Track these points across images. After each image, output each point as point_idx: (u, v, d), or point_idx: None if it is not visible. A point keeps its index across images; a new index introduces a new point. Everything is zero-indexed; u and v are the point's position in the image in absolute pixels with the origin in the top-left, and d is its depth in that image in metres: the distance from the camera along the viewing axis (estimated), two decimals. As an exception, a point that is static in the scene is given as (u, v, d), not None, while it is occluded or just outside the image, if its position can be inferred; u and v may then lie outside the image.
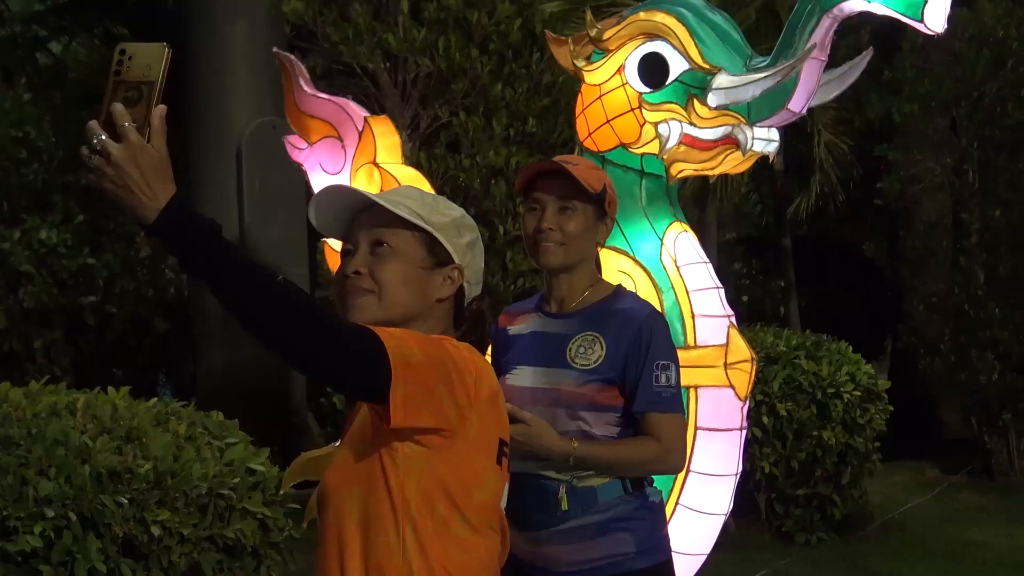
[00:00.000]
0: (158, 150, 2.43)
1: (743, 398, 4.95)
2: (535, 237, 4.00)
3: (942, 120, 13.75)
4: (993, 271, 12.91)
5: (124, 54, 2.46)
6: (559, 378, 3.90)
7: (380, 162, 5.30)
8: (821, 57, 4.84)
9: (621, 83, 5.04)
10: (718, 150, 4.97)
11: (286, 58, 5.61)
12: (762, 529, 10.14)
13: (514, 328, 4.13)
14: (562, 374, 3.91)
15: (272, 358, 2.75)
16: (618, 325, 3.94)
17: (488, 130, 7.63)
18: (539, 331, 4.04)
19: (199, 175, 11.28)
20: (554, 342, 3.98)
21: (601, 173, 4.15)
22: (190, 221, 2.47)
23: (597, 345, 3.92)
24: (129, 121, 2.40)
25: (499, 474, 2.90)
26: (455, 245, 2.97)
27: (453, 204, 3.08)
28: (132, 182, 2.41)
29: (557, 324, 4.01)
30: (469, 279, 3.00)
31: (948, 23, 4.67)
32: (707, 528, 5.02)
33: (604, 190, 4.02)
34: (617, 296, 4.08)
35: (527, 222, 4.06)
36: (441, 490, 2.76)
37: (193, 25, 11.36)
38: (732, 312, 5.07)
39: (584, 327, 3.96)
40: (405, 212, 2.93)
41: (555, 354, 3.95)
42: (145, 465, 5.22)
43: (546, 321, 4.05)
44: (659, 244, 5.02)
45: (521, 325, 4.11)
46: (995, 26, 13.18)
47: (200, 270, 2.52)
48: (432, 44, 7.53)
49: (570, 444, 3.81)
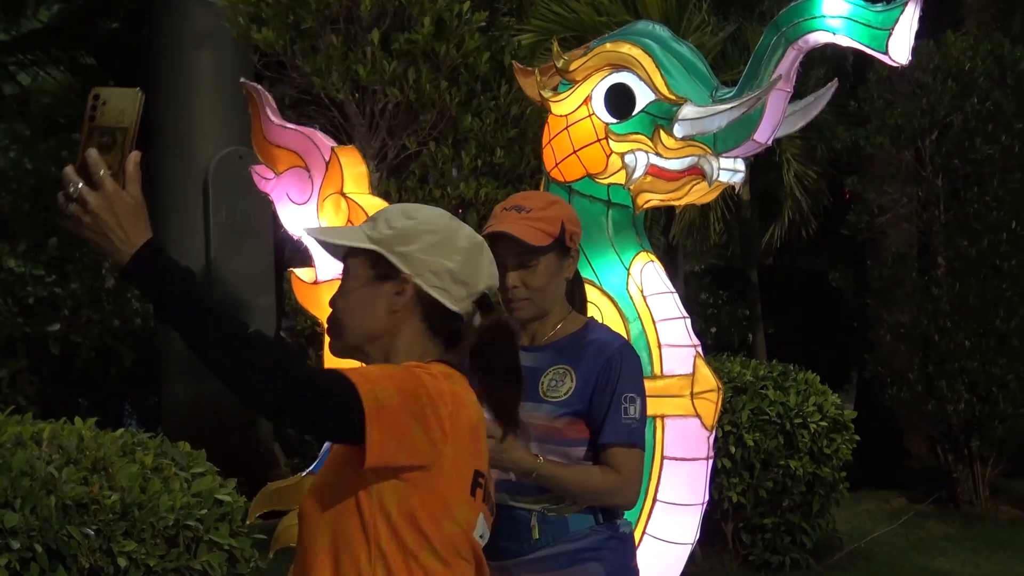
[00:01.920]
0: (133, 197, 2.50)
1: (709, 428, 4.96)
2: (503, 296, 3.94)
3: (908, 152, 13.81)
4: (962, 301, 12.96)
5: (98, 99, 2.49)
6: (531, 412, 3.81)
7: (347, 192, 5.30)
8: (787, 88, 4.87)
9: (588, 114, 5.05)
10: (684, 180, 4.99)
11: (253, 88, 5.61)
12: (729, 559, 10.13)
13: None
14: (534, 408, 3.85)
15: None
16: (589, 357, 3.92)
17: (457, 160, 7.64)
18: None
19: (166, 205, 11.26)
20: (527, 375, 3.81)
21: (555, 211, 4.03)
22: (163, 268, 2.54)
23: (568, 378, 3.91)
24: (104, 169, 2.44)
25: (472, 505, 2.89)
26: (400, 255, 2.95)
27: (418, 210, 3.07)
28: (108, 229, 2.49)
29: (529, 358, 3.85)
30: (433, 282, 2.96)
31: (912, 55, 4.71)
32: (674, 557, 5.02)
33: (561, 230, 3.98)
34: (588, 328, 4.05)
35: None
36: (410, 521, 2.77)
37: (160, 55, 11.35)
38: (699, 342, 5.08)
39: (555, 360, 3.95)
40: (337, 237, 2.97)
41: (528, 388, 3.79)
42: (112, 496, 5.19)
43: (521, 355, 3.99)
44: (626, 274, 5.03)
45: None
46: (960, 58, 13.26)
47: (171, 318, 2.59)
48: (401, 75, 7.53)
49: (536, 460, 3.81)
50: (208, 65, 10.98)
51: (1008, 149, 13.00)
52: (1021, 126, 13.20)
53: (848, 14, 4.69)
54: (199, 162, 10.94)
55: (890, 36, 4.62)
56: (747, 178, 5.18)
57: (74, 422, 5.98)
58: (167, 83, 11.13)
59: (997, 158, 12.98)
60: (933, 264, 13.41)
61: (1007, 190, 13.01)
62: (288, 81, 7.89)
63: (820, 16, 4.74)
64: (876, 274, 14.27)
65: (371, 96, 7.67)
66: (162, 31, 11.37)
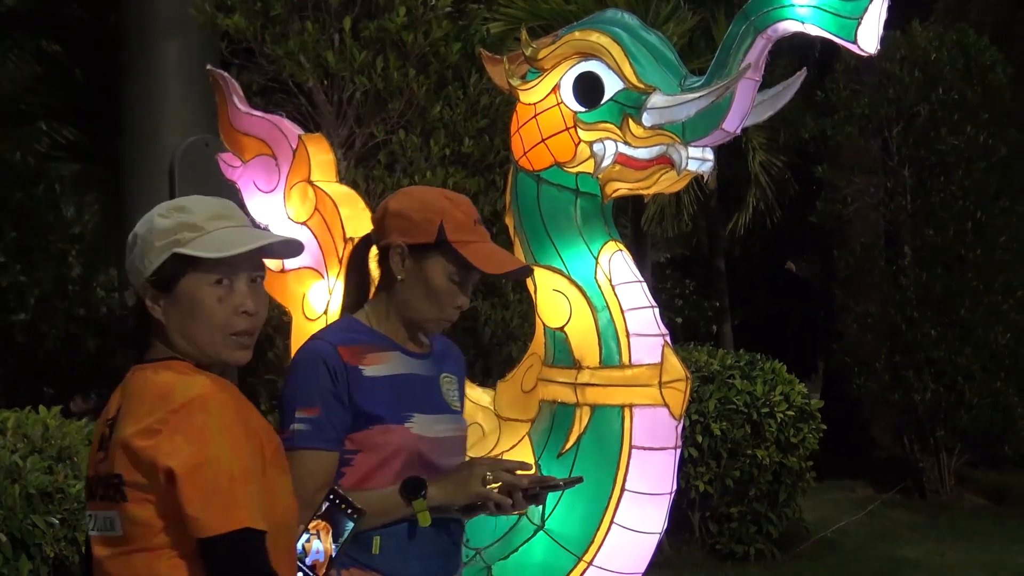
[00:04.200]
0: None
1: (677, 417, 4.96)
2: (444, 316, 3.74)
3: (875, 141, 13.87)
4: (928, 291, 13.03)
5: None
6: (456, 424, 3.78)
7: (314, 180, 5.28)
8: (755, 77, 4.86)
9: (556, 102, 5.04)
10: (653, 169, 4.97)
11: (219, 75, 5.58)
12: (696, 548, 10.18)
13: (371, 369, 3.63)
14: (456, 419, 3.78)
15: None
16: (457, 361, 3.90)
17: (425, 149, 7.62)
18: (413, 374, 3.71)
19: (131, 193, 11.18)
20: (428, 385, 3.74)
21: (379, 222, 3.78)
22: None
23: (455, 385, 3.82)
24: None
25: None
26: (137, 267, 2.99)
27: (176, 207, 3.01)
28: None
29: (422, 365, 3.75)
30: (139, 285, 2.98)
31: (880, 45, 4.71)
32: (641, 547, 5.01)
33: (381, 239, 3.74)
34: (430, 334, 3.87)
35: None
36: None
37: (126, 42, 11.28)
38: (667, 331, 5.08)
39: (440, 368, 3.80)
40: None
41: (438, 399, 3.74)
42: (77, 485, 5.19)
43: (412, 362, 3.73)
44: (594, 263, 5.02)
45: (380, 366, 3.65)
46: (927, 48, 13.32)
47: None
48: (370, 63, 7.50)
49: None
50: (175, 52, 10.91)
51: (973, 140, 13.09)
52: (987, 117, 13.30)
53: (817, 3, 4.68)
54: (165, 149, 10.87)
55: (859, 25, 4.61)
56: (715, 167, 5.17)
57: (39, 411, 5.96)
58: (133, 70, 11.07)
59: (963, 148, 13.07)
60: (900, 254, 13.50)
61: (973, 180, 13.10)
62: (255, 68, 7.85)
63: (789, 5, 4.73)
64: (843, 264, 14.35)
65: (339, 84, 7.64)
66: (128, 18, 11.29)
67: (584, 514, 4.89)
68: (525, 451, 5.02)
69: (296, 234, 5.32)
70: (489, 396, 5.23)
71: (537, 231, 5.12)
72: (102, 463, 2.90)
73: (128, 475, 2.80)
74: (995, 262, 13.20)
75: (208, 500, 2.72)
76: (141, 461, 2.78)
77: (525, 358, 5.29)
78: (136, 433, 2.80)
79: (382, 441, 3.54)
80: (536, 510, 4.88)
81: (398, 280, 3.64)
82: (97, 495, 2.91)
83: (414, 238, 3.60)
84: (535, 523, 4.93)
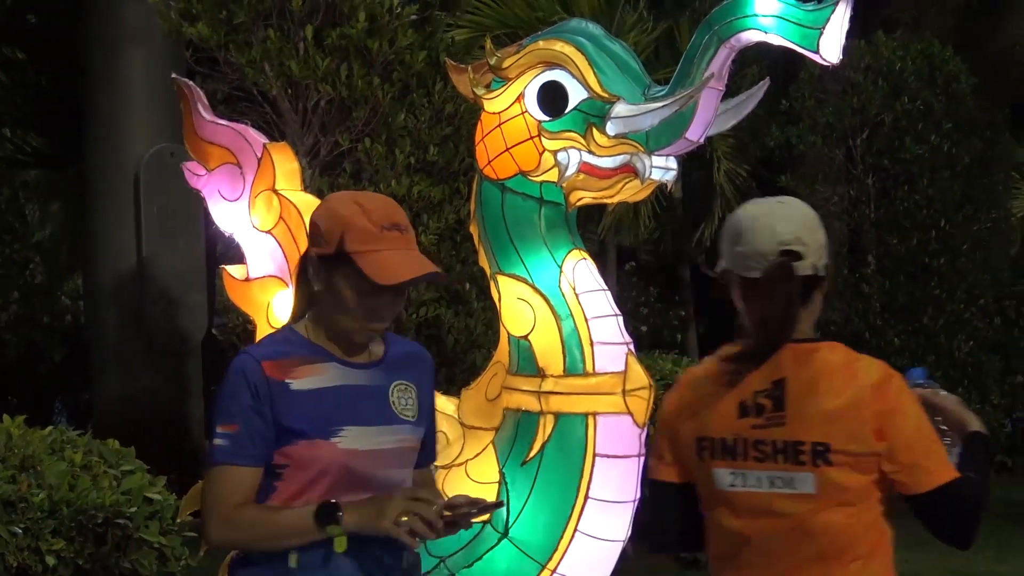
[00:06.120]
0: None
1: (641, 425, 4.97)
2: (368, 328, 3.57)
3: (839, 150, 13.94)
4: (891, 299, 13.09)
5: None
6: (401, 435, 3.57)
7: (279, 189, 5.28)
8: (719, 87, 4.88)
9: (520, 111, 5.05)
10: (617, 178, 4.99)
11: (184, 84, 5.58)
12: (660, 555, 10.18)
13: (300, 382, 3.51)
14: (400, 430, 3.57)
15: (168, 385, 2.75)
16: (419, 369, 3.71)
17: (390, 158, 7.62)
18: (350, 384, 3.55)
19: (96, 201, 11.19)
20: (373, 396, 3.57)
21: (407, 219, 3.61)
22: None
23: (412, 393, 3.62)
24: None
25: None
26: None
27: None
28: None
29: (367, 376, 3.58)
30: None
31: (844, 54, 4.74)
32: (605, 554, 5.03)
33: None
34: (393, 340, 3.73)
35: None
36: None
37: (92, 50, 11.28)
38: (631, 340, 5.09)
39: (394, 376, 3.61)
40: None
41: (382, 409, 3.56)
42: (40, 494, 5.17)
43: (353, 373, 3.57)
44: (558, 271, 5.03)
45: (310, 378, 3.52)
46: (891, 58, 13.40)
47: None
48: (334, 72, 7.51)
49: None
50: (140, 61, 10.92)
51: (937, 149, 13.17)
52: (950, 126, 13.37)
53: (780, 13, 4.71)
54: (130, 157, 10.88)
55: (821, 35, 4.64)
56: (679, 176, 5.19)
57: (2, 420, 5.94)
58: (99, 79, 11.08)
59: (926, 157, 13.14)
60: (863, 262, 13.56)
61: (936, 189, 13.16)
62: (220, 77, 7.85)
63: (752, 15, 4.75)
64: (807, 272, 14.35)
65: (304, 92, 7.64)
66: (94, 26, 11.29)
67: (548, 522, 4.91)
68: (489, 459, 5.03)
69: (261, 243, 5.33)
70: (453, 404, 5.24)
71: (501, 240, 5.13)
72: (769, 429, 3.33)
73: (836, 443, 3.25)
74: (958, 271, 13.29)
75: (928, 458, 3.29)
76: (854, 431, 3.27)
77: (489, 366, 5.30)
78: (844, 406, 3.30)
79: (309, 456, 3.45)
80: (500, 517, 4.89)
81: (317, 291, 3.54)
82: (768, 457, 3.32)
83: (322, 249, 3.48)
84: (499, 531, 4.94)
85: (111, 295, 10.97)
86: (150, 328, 10.74)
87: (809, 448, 3.27)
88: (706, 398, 3.44)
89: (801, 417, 3.30)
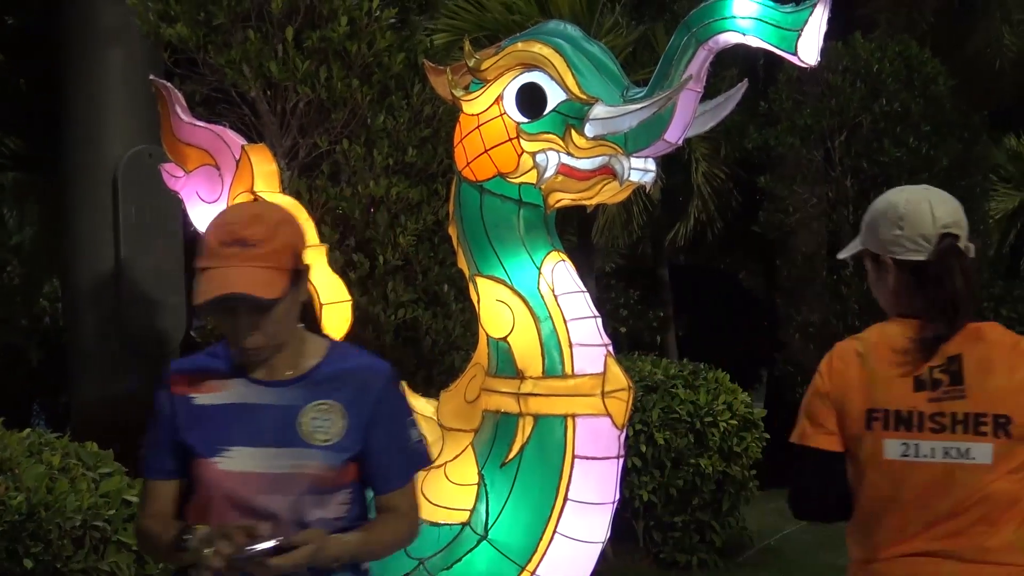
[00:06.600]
0: None
1: (620, 426, 4.98)
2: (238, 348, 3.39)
3: (818, 152, 13.97)
4: (870, 300, 13.10)
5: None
6: (302, 460, 3.32)
7: (257, 191, 5.27)
8: (697, 88, 4.89)
9: (499, 113, 5.05)
10: (595, 180, 5.00)
11: (162, 85, 5.57)
12: (641, 557, 10.19)
13: (204, 397, 3.40)
14: (304, 455, 3.32)
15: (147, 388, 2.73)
16: (356, 388, 3.41)
17: (369, 159, 7.61)
18: (251, 403, 3.38)
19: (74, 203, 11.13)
20: (278, 416, 3.36)
21: (285, 237, 3.35)
22: None
23: (336, 415, 3.36)
24: None
25: None
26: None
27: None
28: None
29: (275, 394, 3.39)
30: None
31: (821, 56, 4.75)
32: (585, 556, 5.03)
33: (295, 257, 3.36)
34: (340, 354, 3.51)
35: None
36: None
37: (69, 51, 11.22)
38: (609, 341, 5.10)
39: (313, 395, 3.38)
40: None
41: (285, 431, 3.34)
42: (18, 497, 5.15)
43: (258, 390, 3.40)
44: (537, 273, 5.04)
45: (215, 394, 3.40)
46: (869, 60, 13.43)
47: None
48: (313, 73, 7.50)
49: (342, 541, 3.32)
50: (118, 62, 10.87)
51: (915, 150, 13.19)
52: (928, 128, 13.39)
53: (758, 15, 4.72)
54: (108, 159, 10.82)
55: (799, 37, 4.65)
56: (658, 177, 5.20)
57: (-21, 423, 5.93)
58: (77, 79, 11.01)
59: (905, 159, 13.17)
60: (842, 263, 13.58)
61: (915, 191, 13.16)
62: (199, 78, 7.83)
63: (730, 17, 4.76)
64: (786, 273, 14.41)
65: (283, 94, 7.63)
66: (71, 27, 11.24)
67: (527, 524, 4.91)
68: (469, 461, 5.04)
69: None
70: (432, 406, 5.24)
71: (480, 241, 5.14)
72: (948, 402, 3.50)
73: (1016, 415, 3.45)
74: (936, 272, 13.30)
75: None
76: None
77: (468, 368, 5.30)
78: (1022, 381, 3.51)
79: (196, 475, 3.34)
80: (480, 519, 4.90)
81: None
82: (946, 428, 3.49)
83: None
84: (479, 533, 4.94)
85: (89, 297, 10.92)
86: (128, 330, 10.68)
87: (991, 420, 3.47)
88: (877, 372, 3.62)
89: (982, 390, 3.49)
